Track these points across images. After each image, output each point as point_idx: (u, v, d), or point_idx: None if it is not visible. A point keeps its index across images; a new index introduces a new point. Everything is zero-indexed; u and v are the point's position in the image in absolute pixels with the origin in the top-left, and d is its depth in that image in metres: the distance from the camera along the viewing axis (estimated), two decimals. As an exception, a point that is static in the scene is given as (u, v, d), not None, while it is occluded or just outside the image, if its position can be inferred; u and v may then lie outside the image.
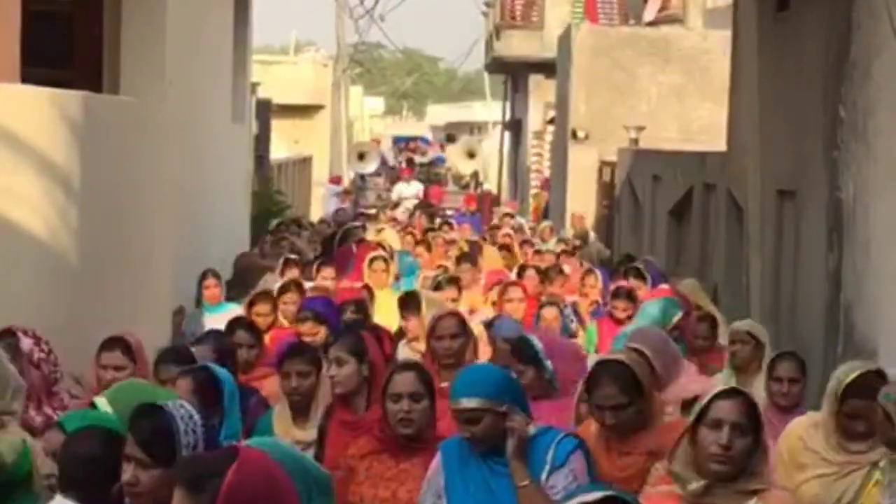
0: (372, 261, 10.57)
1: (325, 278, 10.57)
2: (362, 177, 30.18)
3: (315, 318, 7.56)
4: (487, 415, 4.46)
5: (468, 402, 4.47)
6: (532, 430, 4.51)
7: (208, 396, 4.97)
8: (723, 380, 6.87)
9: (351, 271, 11.21)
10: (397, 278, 11.52)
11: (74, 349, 6.78)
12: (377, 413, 5.01)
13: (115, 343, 5.97)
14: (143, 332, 8.13)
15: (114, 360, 5.88)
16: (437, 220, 19.45)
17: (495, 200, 30.40)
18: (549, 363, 5.65)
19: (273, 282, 10.29)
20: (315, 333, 7.46)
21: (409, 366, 5.10)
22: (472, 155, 30.72)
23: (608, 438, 4.84)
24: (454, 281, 10.17)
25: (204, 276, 10.25)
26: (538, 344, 5.73)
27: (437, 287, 10.04)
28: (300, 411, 5.73)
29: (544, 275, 11.51)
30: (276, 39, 56.28)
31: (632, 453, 4.80)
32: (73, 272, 7.41)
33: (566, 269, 12.27)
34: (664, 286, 10.70)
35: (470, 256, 12.31)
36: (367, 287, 9.78)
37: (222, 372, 5.25)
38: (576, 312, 9.95)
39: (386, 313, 9.21)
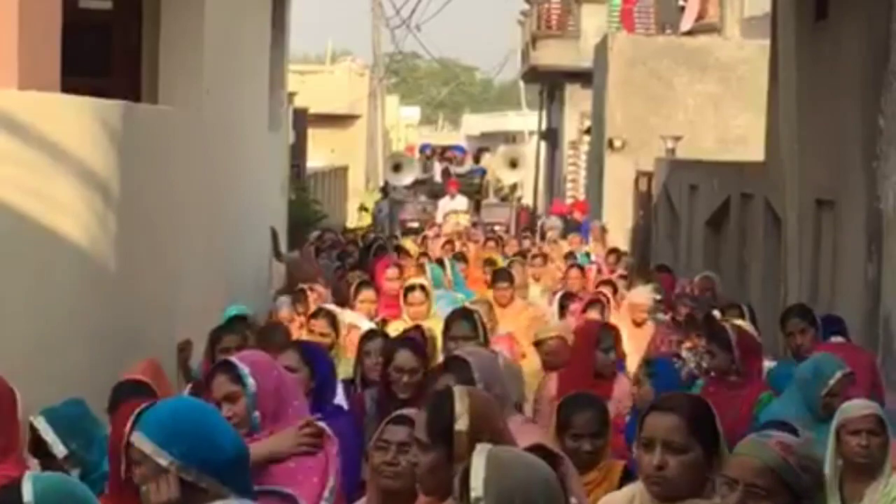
0: (407, 291, 9.01)
1: (364, 301, 9.13)
2: (385, 191, 28.73)
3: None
4: (146, 462, 3.31)
5: (139, 442, 3.33)
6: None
7: None
8: None
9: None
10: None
11: (110, 355, 6.82)
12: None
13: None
14: (177, 341, 8.19)
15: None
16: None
17: (531, 215, 29.34)
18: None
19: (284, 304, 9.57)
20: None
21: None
22: (514, 164, 29.48)
23: None
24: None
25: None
26: None
27: None
28: None
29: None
30: (313, 49, 56.42)
31: None
32: (110, 279, 7.45)
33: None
34: (838, 338, 7.46)
35: (506, 273, 11.02)
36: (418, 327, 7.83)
37: None
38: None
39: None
